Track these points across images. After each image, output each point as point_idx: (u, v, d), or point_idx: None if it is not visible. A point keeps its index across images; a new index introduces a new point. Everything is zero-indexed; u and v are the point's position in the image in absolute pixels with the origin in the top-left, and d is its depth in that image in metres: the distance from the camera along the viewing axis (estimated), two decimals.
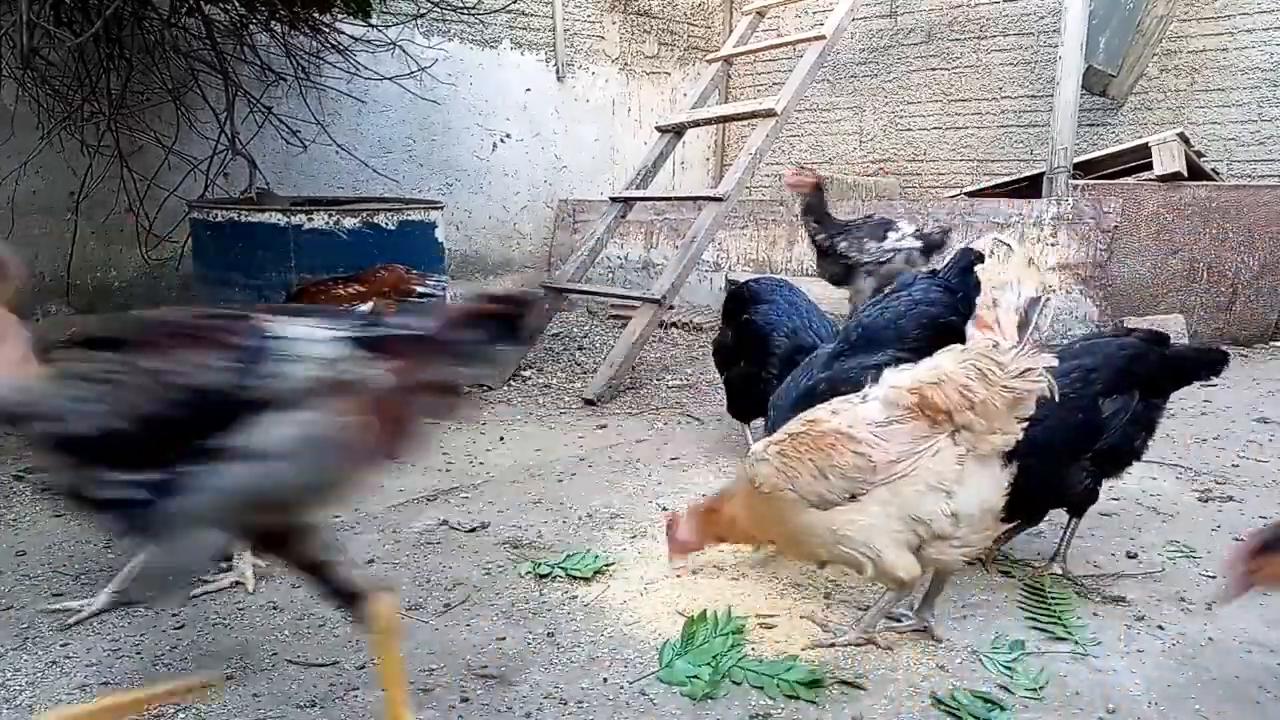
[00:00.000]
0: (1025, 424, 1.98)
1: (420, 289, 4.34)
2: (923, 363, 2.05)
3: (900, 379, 2.03)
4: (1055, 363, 2.01)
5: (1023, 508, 2.48)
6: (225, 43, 5.43)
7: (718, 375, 5.00)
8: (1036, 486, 2.36)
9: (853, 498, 1.97)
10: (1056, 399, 1.99)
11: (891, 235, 4.52)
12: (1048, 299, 2.05)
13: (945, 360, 2.00)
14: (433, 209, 4.98)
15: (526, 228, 7.95)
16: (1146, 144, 5.73)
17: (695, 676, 1.95)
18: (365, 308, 4.20)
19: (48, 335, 1.54)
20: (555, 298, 5.16)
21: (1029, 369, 1.93)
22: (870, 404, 2.04)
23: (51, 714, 1.79)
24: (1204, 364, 2.50)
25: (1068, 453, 2.36)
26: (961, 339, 2.69)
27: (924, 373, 2.00)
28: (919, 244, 4.52)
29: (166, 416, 1.43)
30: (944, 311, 2.88)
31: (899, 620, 2.21)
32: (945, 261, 3.08)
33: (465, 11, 6.55)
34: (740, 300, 3.59)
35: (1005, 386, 1.92)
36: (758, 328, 3.42)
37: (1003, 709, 1.86)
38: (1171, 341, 2.57)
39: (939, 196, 6.92)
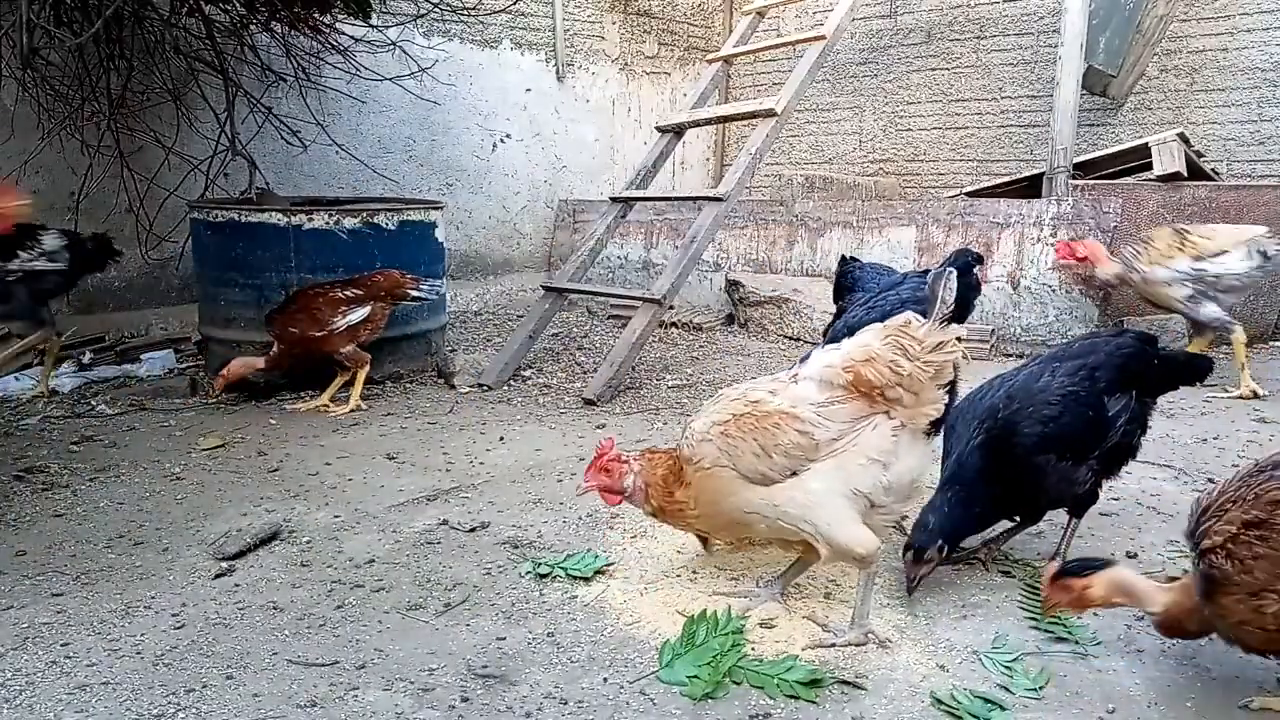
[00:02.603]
0: (948, 393, 2.12)
1: (414, 292, 4.37)
2: (848, 341, 2.14)
3: (832, 358, 2.12)
4: (964, 332, 2.11)
5: (1030, 505, 2.49)
6: (225, 43, 5.43)
7: (717, 375, 5.02)
8: (1052, 483, 2.37)
9: (793, 474, 2.05)
10: (957, 375, 2.11)
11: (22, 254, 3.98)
12: (951, 272, 2.10)
13: (870, 338, 2.10)
14: (433, 209, 4.99)
15: (526, 228, 7.95)
16: (1146, 144, 5.73)
17: (695, 676, 1.95)
18: (364, 311, 4.22)
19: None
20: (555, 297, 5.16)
21: (941, 342, 2.05)
22: (805, 383, 2.12)
23: None
24: (1193, 369, 2.57)
25: (1081, 450, 2.37)
26: None
27: (854, 350, 2.09)
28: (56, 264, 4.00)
29: None
30: None
31: (749, 598, 2.31)
32: (940, 260, 3.10)
33: (465, 12, 6.55)
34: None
35: (925, 362, 2.03)
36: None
37: (1003, 709, 1.86)
38: (1163, 343, 2.65)
39: (939, 196, 6.92)
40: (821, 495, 2.03)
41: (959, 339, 2.08)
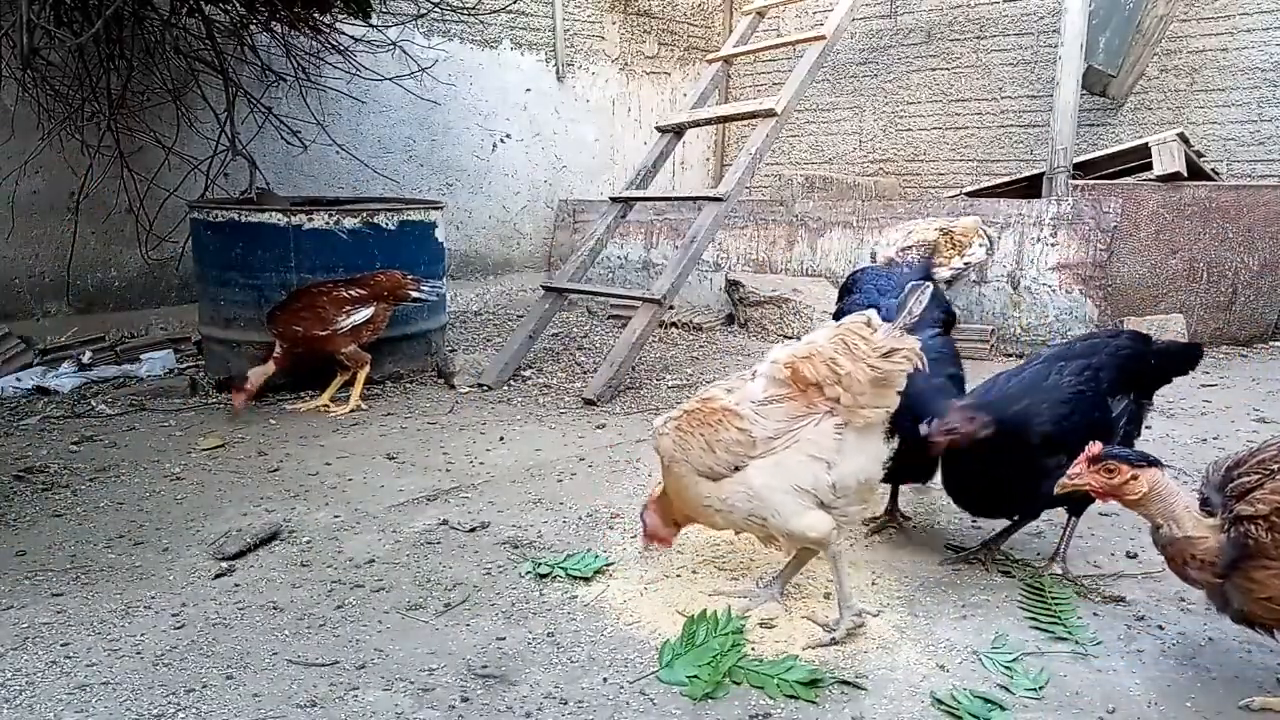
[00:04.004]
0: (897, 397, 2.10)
1: (415, 294, 4.37)
2: (803, 338, 2.18)
3: (780, 354, 2.15)
4: (916, 344, 2.10)
5: (1029, 503, 2.47)
6: (225, 43, 5.43)
7: (717, 375, 5.01)
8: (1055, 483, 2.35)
9: (737, 469, 2.09)
10: (926, 369, 2.11)
11: None
12: (926, 286, 2.15)
13: (819, 336, 2.13)
14: (433, 209, 4.99)
15: (526, 228, 7.95)
16: (1146, 144, 5.73)
17: (695, 676, 1.95)
18: (368, 311, 4.21)
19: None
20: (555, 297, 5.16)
21: (894, 349, 2.04)
22: (757, 380, 2.16)
23: None
24: (1186, 359, 2.59)
25: None
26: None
27: (800, 346, 2.13)
28: None
29: None
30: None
31: (749, 598, 2.32)
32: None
33: (465, 12, 6.56)
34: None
35: (870, 364, 2.02)
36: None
37: (1003, 709, 1.86)
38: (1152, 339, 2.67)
39: (939, 196, 6.92)
40: (763, 490, 2.07)
41: (914, 352, 2.07)
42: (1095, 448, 1.90)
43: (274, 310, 4.20)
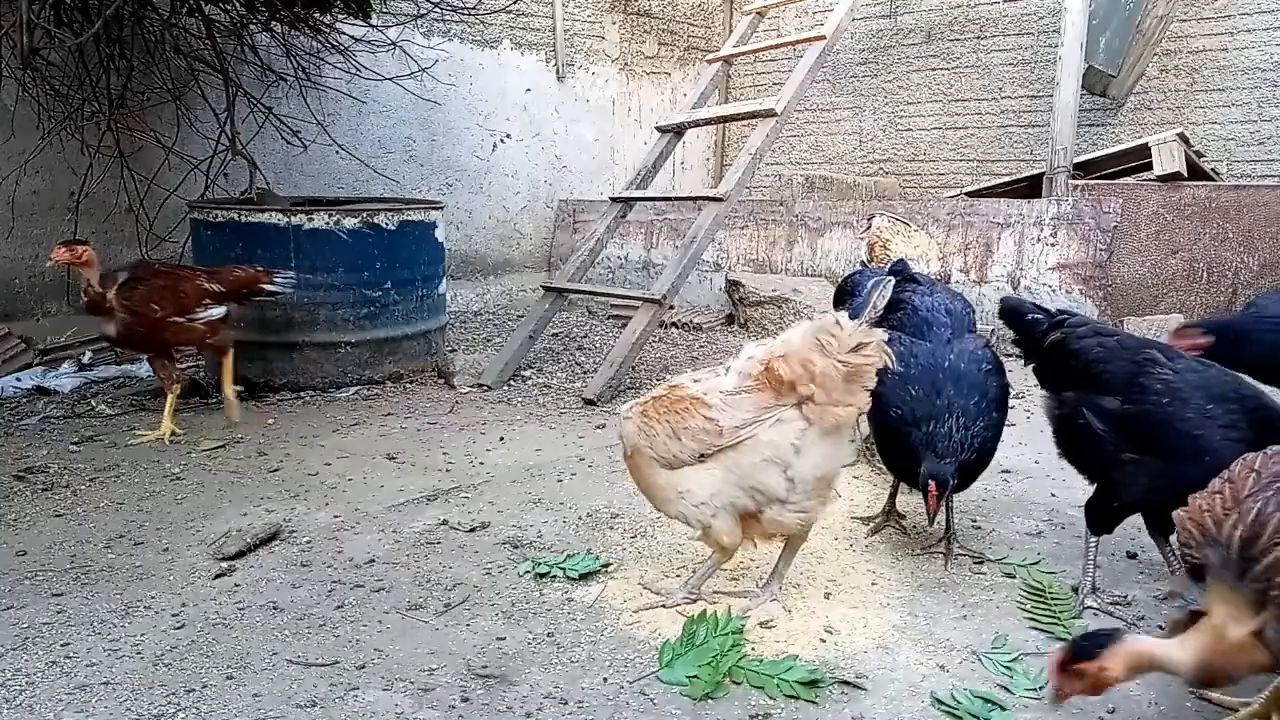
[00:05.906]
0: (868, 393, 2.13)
1: (269, 287, 4.19)
2: (779, 337, 2.20)
3: (755, 352, 2.17)
4: (885, 336, 2.12)
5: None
6: (226, 43, 5.43)
7: None
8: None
9: (701, 459, 2.12)
10: (896, 367, 2.15)
11: None
12: (889, 281, 2.20)
13: (794, 335, 2.14)
14: (433, 209, 4.99)
15: (526, 228, 7.95)
16: (1146, 144, 5.73)
17: (695, 676, 1.95)
18: (219, 310, 3.97)
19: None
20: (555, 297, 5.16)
21: (862, 344, 2.06)
22: (731, 375, 2.18)
23: None
24: None
25: None
26: None
27: (776, 345, 2.15)
28: None
29: None
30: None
31: (749, 598, 2.33)
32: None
33: (465, 12, 6.56)
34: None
35: (840, 361, 2.05)
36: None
37: (1003, 709, 1.86)
38: None
39: (939, 196, 6.92)
40: (721, 483, 2.10)
41: (882, 345, 2.09)
42: (1055, 654, 1.65)
43: (132, 281, 3.82)
